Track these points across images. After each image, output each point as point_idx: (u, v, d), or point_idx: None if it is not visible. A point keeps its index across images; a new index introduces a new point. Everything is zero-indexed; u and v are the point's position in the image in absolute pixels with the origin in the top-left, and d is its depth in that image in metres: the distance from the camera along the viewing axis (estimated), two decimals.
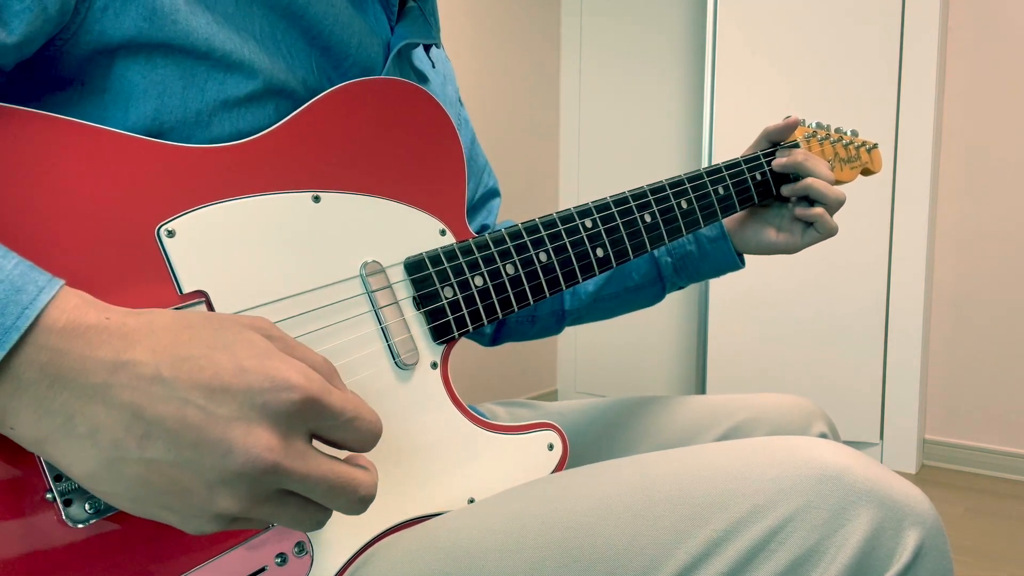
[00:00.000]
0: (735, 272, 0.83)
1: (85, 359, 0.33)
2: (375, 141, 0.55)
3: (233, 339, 0.36)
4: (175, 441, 0.34)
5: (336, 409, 0.37)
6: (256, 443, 0.34)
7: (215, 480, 0.34)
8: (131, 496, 0.35)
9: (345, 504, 0.38)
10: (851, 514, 0.43)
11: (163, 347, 0.34)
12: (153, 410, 0.33)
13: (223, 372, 0.34)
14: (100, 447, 0.34)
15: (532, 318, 0.86)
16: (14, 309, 0.32)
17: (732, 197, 0.75)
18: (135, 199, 0.44)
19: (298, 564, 0.47)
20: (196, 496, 0.35)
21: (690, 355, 2.70)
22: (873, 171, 0.89)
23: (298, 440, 0.36)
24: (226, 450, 0.34)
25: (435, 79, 0.75)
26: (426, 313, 0.55)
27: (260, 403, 0.34)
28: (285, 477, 0.35)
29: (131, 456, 0.34)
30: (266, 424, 0.35)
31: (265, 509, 0.36)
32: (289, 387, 0.35)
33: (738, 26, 2.25)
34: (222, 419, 0.34)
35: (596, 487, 0.50)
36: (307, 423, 0.36)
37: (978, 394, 2.21)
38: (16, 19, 0.41)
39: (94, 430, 0.33)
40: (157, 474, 0.34)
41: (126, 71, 0.47)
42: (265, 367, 0.35)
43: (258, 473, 0.34)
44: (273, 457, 0.34)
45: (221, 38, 0.49)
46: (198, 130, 0.49)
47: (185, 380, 0.34)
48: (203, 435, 0.34)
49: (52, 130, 0.42)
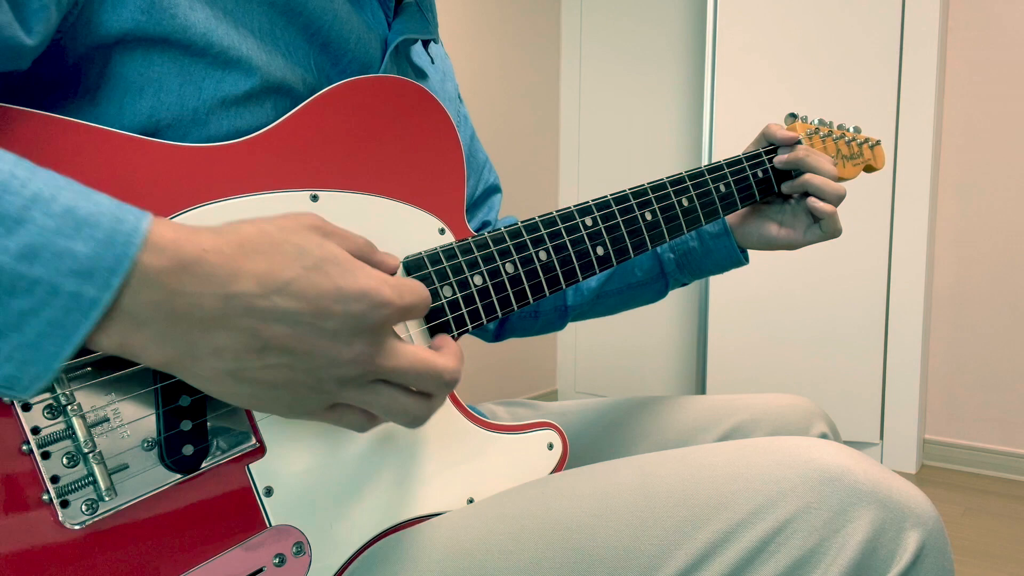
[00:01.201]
0: (735, 272, 0.83)
1: (197, 295, 0.37)
2: (374, 139, 0.55)
3: (318, 256, 0.40)
4: (289, 351, 0.39)
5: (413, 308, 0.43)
6: (357, 350, 0.40)
7: (324, 376, 0.40)
8: (249, 394, 0.40)
9: (432, 386, 0.44)
10: (852, 515, 0.43)
11: (263, 273, 0.38)
12: (268, 330, 0.38)
13: (325, 293, 0.39)
14: (224, 361, 0.38)
15: (535, 314, 0.86)
16: (120, 239, 0.35)
17: (734, 194, 0.75)
18: (132, 199, 0.44)
19: (296, 564, 0.46)
20: (304, 387, 0.41)
21: (690, 355, 2.70)
22: (876, 168, 0.88)
23: (388, 338, 0.42)
24: (333, 357, 0.40)
25: (434, 75, 0.75)
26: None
27: (359, 320, 0.40)
28: (381, 371, 0.42)
29: (252, 364, 0.39)
30: (363, 335, 0.41)
31: (361, 395, 0.43)
32: (382, 304, 0.41)
33: (738, 25, 2.24)
34: (328, 333, 0.39)
35: (596, 487, 0.50)
36: (393, 324, 0.43)
37: (978, 394, 2.20)
38: (35, 19, 0.41)
39: (217, 350, 0.38)
40: (273, 375, 0.39)
41: (122, 67, 0.46)
42: (359, 286, 0.40)
43: (358, 374, 0.41)
44: (370, 358, 0.41)
45: (219, 33, 0.49)
46: (195, 128, 0.49)
47: (293, 305, 0.38)
48: (314, 345, 0.39)
49: (48, 129, 0.42)
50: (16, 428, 0.39)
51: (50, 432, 0.39)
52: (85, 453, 0.40)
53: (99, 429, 0.41)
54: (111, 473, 0.41)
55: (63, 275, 0.33)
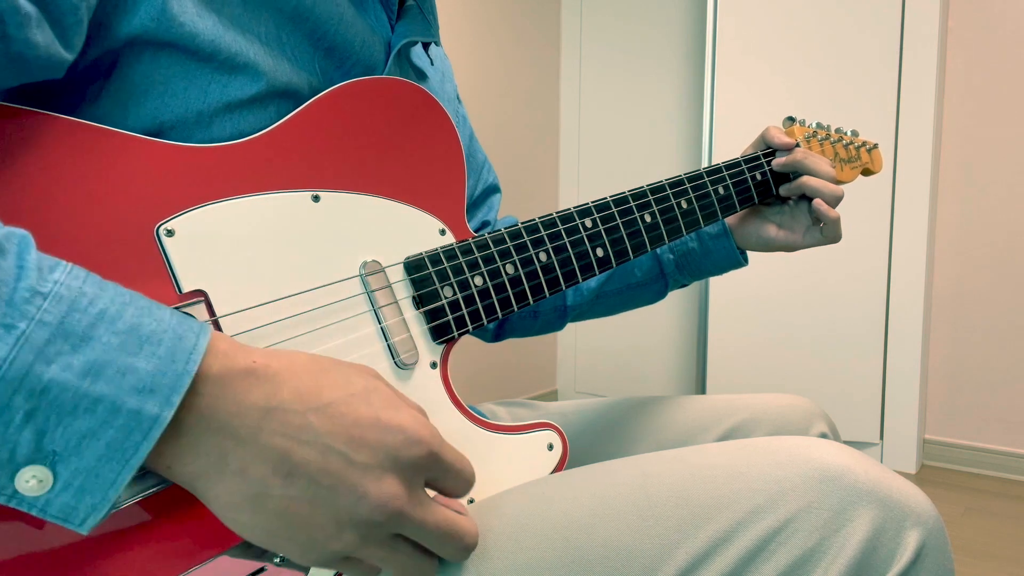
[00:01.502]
0: (735, 272, 0.83)
1: (240, 404, 0.36)
2: (374, 140, 0.55)
3: (365, 386, 0.40)
4: (316, 482, 0.37)
5: (449, 461, 0.42)
6: (387, 491, 0.38)
7: (345, 519, 0.38)
8: (265, 527, 0.38)
9: (452, 551, 0.42)
10: (852, 514, 0.43)
11: (307, 390, 0.38)
12: (300, 454, 0.37)
13: (362, 421, 0.38)
14: (248, 483, 0.37)
15: (534, 314, 0.86)
16: (182, 356, 0.35)
17: (732, 197, 0.75)
18: (134, 198, 0.44)
19: None
20: (323, 531, 0.38)
21: (690, 355, 2.70)
22: (873, 171, 0.89)
23: (419, 488, 0.40)
24: (361, 494, 0.38)
25: (434, 76, 0.75)
26: (425, 313, 0.55)
27: (393, 455, 0.38)
28: (407, 522, 0.39)
29: (274, 492, 0.37)
30: (395, 473, 0.39)
31: (379, 552, 0.40)
32: (418, 441, 0.39)
33: (738, 25, 2.25)
34: (359, 466, 0.38)
35: (596, 487, 0.50)
36: (426, 473, 0.41)
37: (978, 394, 2.21)
38: (72, 32, 0.42)
39: (244, 468, 0.36)
40: (294, 509, 0.37)
41: (128, 69, 0.47)
42: (397, 420, 0.39)
43: (385, 518, 0.38)
44: (399, 504, 0.38)
45: (227, 40, 0.49)
46: (198, 130, 0.49)
47: (329, 428, 0.38)
48: (341, 480, 0.37)
49: (51, 129, 0.42)
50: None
51: None
52: None
53: None
54: None
55: (125, 392, 0.33)
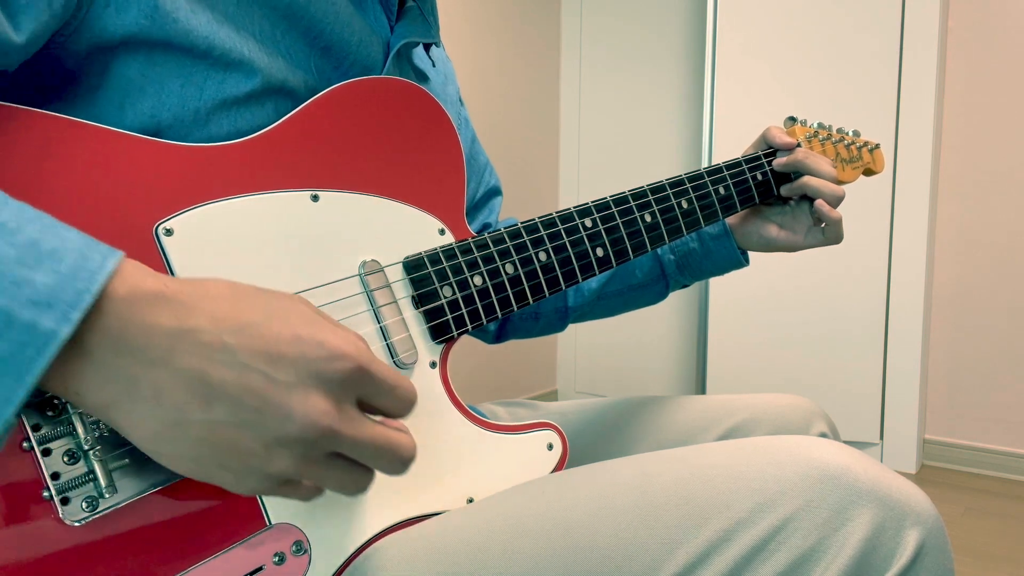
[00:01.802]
0: (736, 272, 0.83)
1: (148, 326, 0.34)
2: (374, 140, 0.55)
3: (286, 308, 0.38)
4: (238, 404, 0.35)
5: (381, 377, 0.39)
6: (314, 408, 0.36)
7: (273, 441, 0.36)
8: (192, 456, 0.36)
9: (388, 465, 0.40)
10: (852, 514, 0.43)
11: (223, 314, 0.36)
12: (217, 375, 0.35)
13: (281, 339, 0.36)
14: (164, 409, 0.35)
15: (536, 315, 0.86)
16: (84, 275, 0.33)
17: (733, 197, 0.75)
18: (133, 198, 0.44)
19: (296, 563, 0.46)
20: (254, 456, 0.36)
21: (690, 355, 2.70)
22: (875, 171, 0.88)
23: (348, 405, 0.38)
24: (286, 414, 0.36)
25: (436, 78, 0.75)
26: (425, 312, 0.55)
27: (316, 370, 0.36)
28: (338, 440, 0.37)
29: (194, 418, 0.35)
30: (322, 391, 0.37)
31: (315, 470, 0.38)
32: (342, 355, 0.37)
33: (738, 26, 2.25)
34: (282, 385, 0.36)
35: (596, 487, 0.50)
36: (356, 389, 0.38)
37: (978, 394, 2.21)
38: (23, 15, 0.41)
39: (158, 393, 0.35)
40: (219, 435, 0.36)
41: (125, 68, 0.47)
42: (318, 335, 0.37)
43: (315, 436, 0.36)
44: (328, 421, 0.36)
45: (221, 37, 0.49)
46: (196, 128, 0.49)
47: (246, 347, 0.36)
48: (264, 399, 0.35)
49: (50, 129, 0.42)
50: (17, 425, 0.39)
51: (51, 429, 0.39)
52: (86, 450, 0.40)
53: (100, 426, 0.41)
54: (111, 470, 0.41)
55: (20, 304, 0.31)
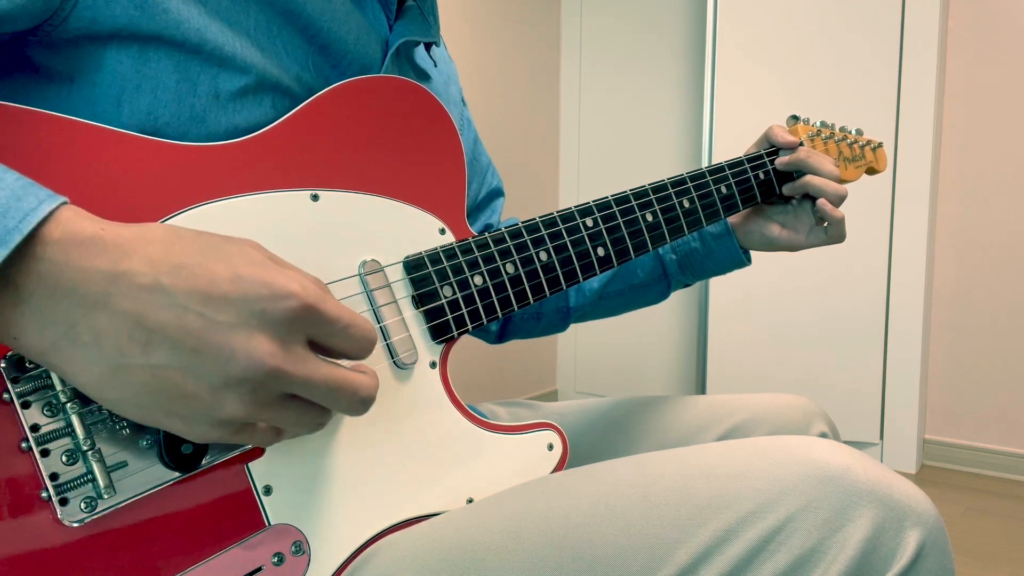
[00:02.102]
0: (736, 271, 0.82)
1: (83, 270, 0.34)
2: (374, 139, 0.55)
3: (227, 249, 0.37)
4: (177, 347, 0.35)
5: (332, 316, 0.38)
6: (257, 349, 0.35)
7: (219, 384, 0.35)
8: (137, 403, 0.36)
9: (346, 405, 0.39)
10: (852, 514, 0.43)
11: (158, 256, 0.35)
12: (154, 317, 0.34)
13: (219, 280, 0.35)
14: (104, 354, 0.34)
15: (537, 315, 0.86)
16: (15, 215, 0.33)
17: (735, 196, 0.75)
18: (132, 197, 0.44)
19: (295, 563, 0.46)
20: (201, 401, 0.36)
21: (690, 355, 2.70)
22: (878, 170, 0.88)
23: (297, 346, 0.37)
24: (228, 356, 0.35)
25: (437, 78, 0.74)
26: (425, 312, 0.55)
27: (259, 310, 0.35)
28: (287, 380, 0.36)
29: (135, 362, 0.34)
30: (266, 331, 0.36)
31: (267, 413, 0.37)
32: (287, 295, 0.36)
33: (738, 26, 2.24)
34: (222, 326, 0.35)
35: (596, 487, 0.50)
36: (305, 330, 0.37)
37: (978, 394, 2.20)
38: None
39: (97, 337, 0.34)
40: (162, 379, 0.35)
41: (118, 64, 0.46)
42: (261, 275, 0.36)
43: (261, 377, 0.35)
44: (274, 362, 0.36)
45: (213, 31, 0.49)
46: (193, 126, 0.49)
47: (183, 287, 0.35)
48: (204, 341, 0.35)
49: (49, 128, 0.42)
50: (15, 425, 0.39)
51: (49, 429, 0.39)
52: (84, 451, 0.40)
53: (98, 427, 0.41)
54: (110, 471, 0.41)
55: None
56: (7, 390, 0.38)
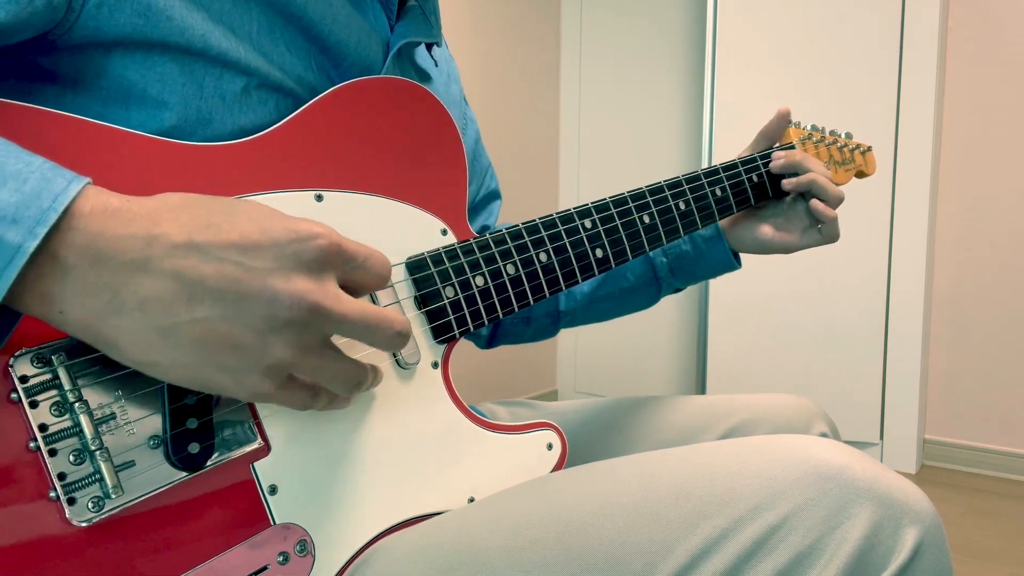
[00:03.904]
0: (735, 272, 0.83)
1: (119, 237, 0.35)
2: (377, 140, 0.55)
3: (245, 207, 0.39)
4: (220, 297, 0.36)
5: (354, 250, 0.41)
6: (296, 288, 0.37)
7: (265, 328, 0.37)
8: (187, 362, 0.37)
9: (384, 339, 0.41)
10: (850, 512, 0.44)
11: (186, 218, 0.37)
12: (194, 272, 0.36)
13: (248, 232, 0.37)
14: (151, 316, 0.36)
15: (527, 319, 0.86)
16: (49, 194, 0.34)
17: (729, 199, 0.75)
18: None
19: (300, 563, 0.47)
20: (249, 349, 0.37)
21: (690, 355, 2.70)
22: (867, 173, 0.89)
23: (331, 283, 0.39)
24: (271, 298, 0.37)
25: (438, 78, 0.75)
26: (427, 312, 0.56)
27: (291, 252, 0.37)
28: (327, 317, 0.38)
29: (182, 319, 0.36)
30: (301, 271, 0.38)
31: (311, 359, 0.39)
32: (314, 235, 0.38)
33: (738, 26, 2.25)
34: (260, 271, 0.37)
35: (596, 486, 0.50)
36: (334, 267, 0.40)
37: (978, 394, 2.21)
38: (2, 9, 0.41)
39: (142, 301, 0.35)
40: (210, 332, 0.36)
41: (124, 70, 0.47)
42: (285, 222, 0.38)
43: (304, 315, 0.37)
44: (314, 298, 0.38)
45: (217, 36, 0.49)
46: (199, 127, 0.49)
47: (216, 241, 0.37)
48: (246, 287, 0.36)
49: (58, 128, 0.42)
50: (23, 425, 0.39)
51: (57, 429, 0.40)
52: (92, 450, 0.40)
53: (106, 427, 0.41)
54: (117, 470, 0.41)
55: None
56: (15, 389, 0.39)
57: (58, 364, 0.40)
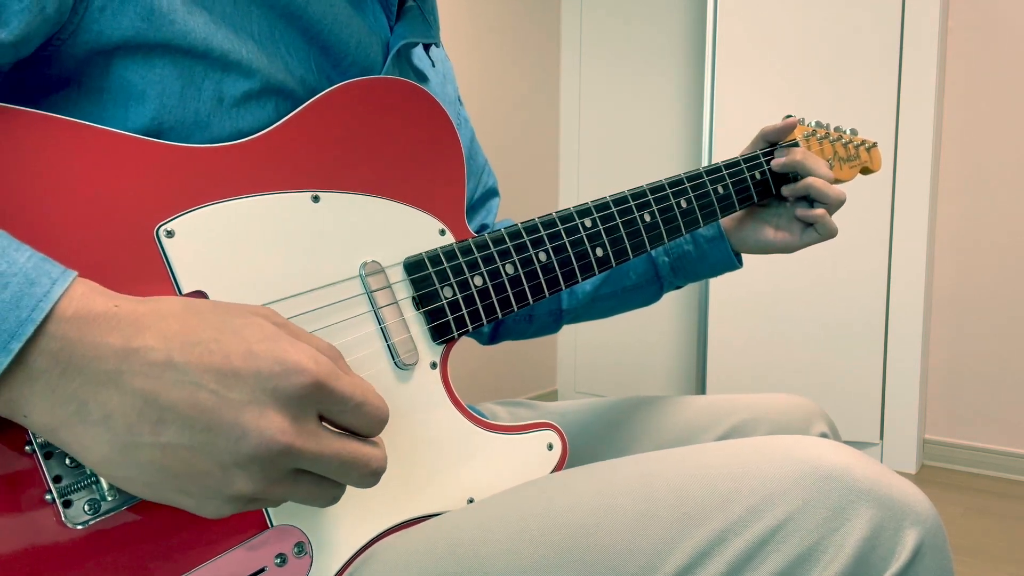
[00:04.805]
0: (734, 272, 0.83)
1: (96, 346, 0.34)
2: (374, 140, 0.55)
3: (241, 324, 0.37)
4: (189, 425, 0.34)
5: (345, 394, 0.38)
6: (269, 426, 0.35)
7: (230, 463, 0.35)
8: (146, 481, 0.35)
9: (357, 478, 0.39)
10: (850, 513, 0.43)
11: (173, 333, 0.35)
12: (166, 395, 0.34)
13: (233, 356, 0.35)
14: (114, 432, 0.34)
15: (529, 317, 0.86)
16: (28, 302, 0.33)
17: (732, 196, 0.75)
18: (134, 199, 0.44)
19: (298, 565, 0.47)
20: (211, 479, 0.35)
21: (690, 355, 2.70)
22: (872, 170, 0.89)
23: (309, 421, 0.37)
24: (240, 434, 0.35)
25: (435, 78, 0.75)
26: (425, 313, 0.55)
27: (271, 387, 0.35)
28: (298, 457, 0.36)
29: (145, 441, 0.34)
30: (278, 407, 0.36)
31: (279, 489, 0.37)
32: (299, 370, 0.36)
33: (738, 26, 2.25)
34: (235, 403, 0.35)
35: (596, 486, 0.50)
36: (317, 405, 0.37)
37: (978, 394, 2.21)
38: (15, 18, 0.41)
39: (107, 416, 0.34)
40: (172, 458, 0.35)
41: (124, 71, 0.47)
42: (274, 351, 0.36)
43: (272, 455, 0.35)
44: (286, 439, 0.35)
45: (219, 38, 0.49)
46: (197, 130, 0.49)
47: (196, 364, 0.35)
48: (216, 419, 0.34)
49: (52, 130, 0.42)
50: (19, 428, 0.39)
51: None
52: None
53: None
54: None
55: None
56: None
57: None
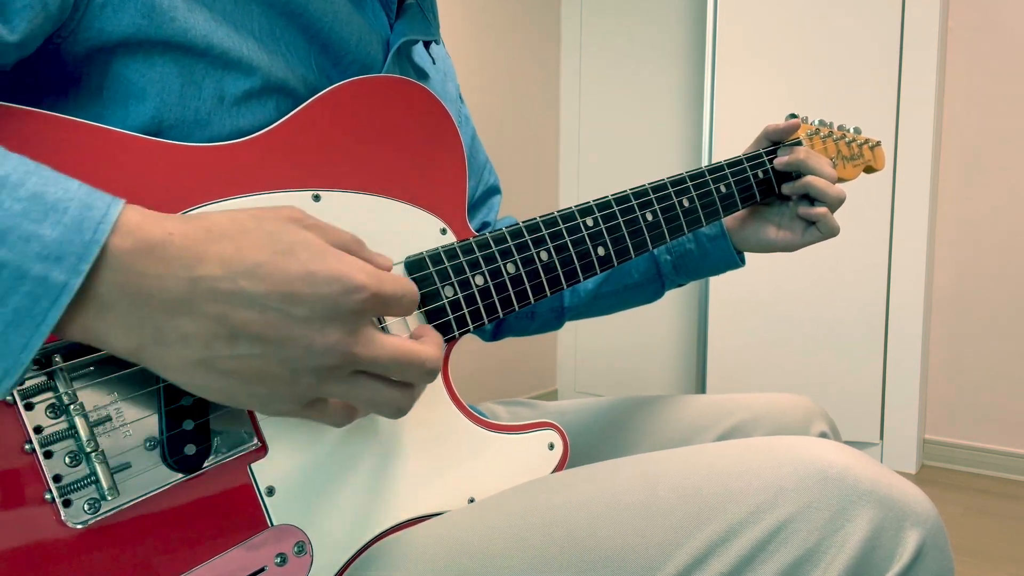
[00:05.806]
0: (736, 271, 0.83)
1: (161, 277, 0.36)
2: (375, 139, 0.55)
3: (289, 240, 0.39)
4: (260, 340, 0.38)
5: (393, 293, 0.41)
6: (331, 339, 0.39)
7: (299, 368, 0.39)
8: (221, 386, 0.39)
9: (415, 375, 0.43)
10: (852, 514, 0.43)
11: (230, 256, 0.37)
12: (237, 316, 0.37)
13: (293, 278, 0.38)
14: (192, 350, 0.37)
15: (532, 314, 0.86)
16: (89, 224, 0.34)
17: (734, 195, 0.75)
18: (135, 198, 0.44)
19: (298, 564, 0.47)
20: (279, 381, 0.39)
21: (690, 355, 2.70)
22: (876, 168, 0.89)
23: (364, 328, 0.41)
24: (306, 345, 0.38)
25: (436, 76, 0.75)
26: (426, 312, 0.55)
27: (331, 305, 0.39)
28: (359, 361, 0.40)
29: (222, 354, 0.37)
30: (337, 322, 0.39)
31: (340, 388, 0.41)
32: (357, 288, 0.39)
33: (738, 26, 2.24)
34: (299, 319, 0.38)
35: (597, 486, 0.50)
36: (372, 313, 0.41)
37: (978, 394, 2.21)
38: (17, 17, 0.41)
39: (183, 337, 0.37)
40: (245, 367, 0.38)
41: (124, 69, 0.47)
42: (330, 270, 0.39)
43: (336, 361, 0.39)
44: (346, 347, 0.39)
45: (220, 36, 0.49)
46: (197, 129, 0.49)
47: (262, 289, 0.37)
48: (285, 333, 0.38)
49: (52, 129, 0.42)
50: (18, 427, 0.39)
51: (52, 431, 0.39)
52: (87, 452, 0.40)
53: (101, 428, 0.41)
54: (113, 472, 0.41)
55: (30, 259, 0.33)
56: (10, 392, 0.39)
57: (54, 366, 0.40)
